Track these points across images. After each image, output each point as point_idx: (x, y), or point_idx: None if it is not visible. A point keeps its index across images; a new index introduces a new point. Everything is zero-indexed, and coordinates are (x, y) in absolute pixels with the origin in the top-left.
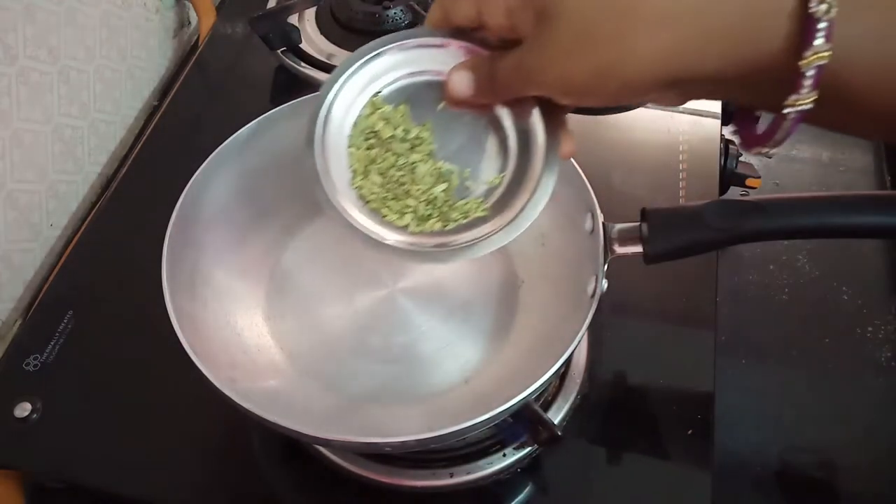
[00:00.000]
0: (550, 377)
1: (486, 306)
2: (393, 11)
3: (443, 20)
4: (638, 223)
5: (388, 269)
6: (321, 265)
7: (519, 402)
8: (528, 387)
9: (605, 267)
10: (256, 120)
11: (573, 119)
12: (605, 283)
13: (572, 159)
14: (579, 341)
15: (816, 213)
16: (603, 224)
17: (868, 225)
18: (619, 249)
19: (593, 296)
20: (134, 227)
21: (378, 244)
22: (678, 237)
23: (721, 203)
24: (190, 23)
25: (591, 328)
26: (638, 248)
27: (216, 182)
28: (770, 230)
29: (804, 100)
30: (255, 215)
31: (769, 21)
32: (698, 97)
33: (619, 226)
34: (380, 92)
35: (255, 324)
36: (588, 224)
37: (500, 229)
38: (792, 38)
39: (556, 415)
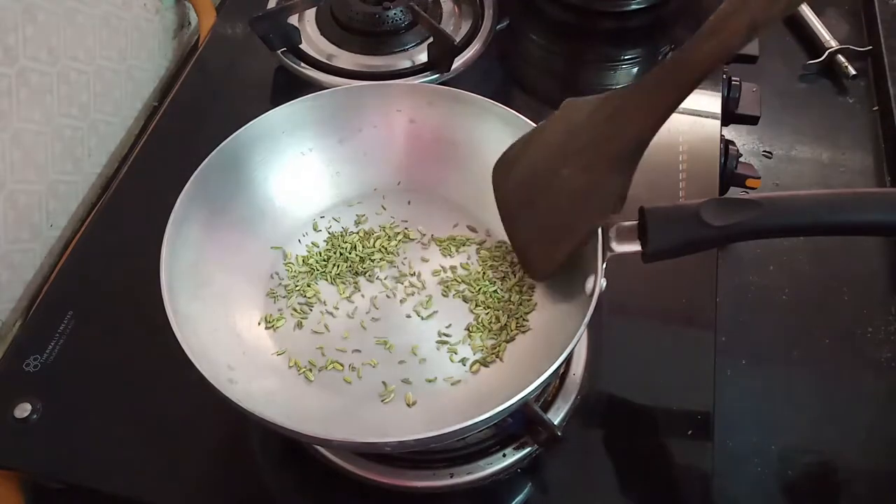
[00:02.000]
0: (550, 376)
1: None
2: (393, 12)
3: None
4: (636, 221)
5: (388, 270)
6: None
7: (519, 402)
8: (527, 386)
9: (604, 265)
10: (256, 119)
11: None
12: (603, 282)
13: None
14: (578, 340)
15: (814, 211)
16: None
17: (866, 222)
18: (618, 248)
19: (592, 294)
20: (134, 227)
21: None
22: (676, 235)
23: (719, 201)
24: (190, 23)
25: (590, 328)
26: (636, 247)
27: (216, 182)
28: (768, 228)
29: None
30: (255, 215)
31: None
32: None
33: (617, 224)
34: None
35: (254, 324)
36: None
37: None
38: None
39: (556, 415)
